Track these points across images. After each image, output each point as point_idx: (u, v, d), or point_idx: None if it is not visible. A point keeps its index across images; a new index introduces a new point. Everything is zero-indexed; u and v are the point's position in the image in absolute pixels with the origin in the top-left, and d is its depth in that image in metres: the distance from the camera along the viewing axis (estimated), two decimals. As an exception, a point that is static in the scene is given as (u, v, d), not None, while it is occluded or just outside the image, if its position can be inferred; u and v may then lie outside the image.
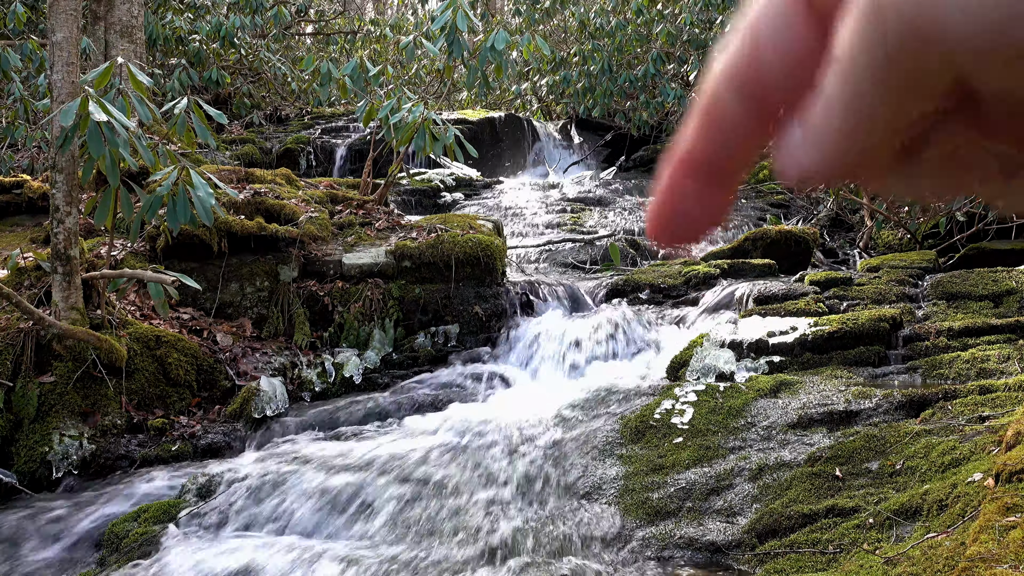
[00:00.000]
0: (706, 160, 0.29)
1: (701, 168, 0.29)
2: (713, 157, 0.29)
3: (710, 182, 0.29)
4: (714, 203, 0.30)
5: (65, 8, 3.74)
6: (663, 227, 0.30)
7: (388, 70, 6.56)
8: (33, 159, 7.31)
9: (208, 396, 4.15)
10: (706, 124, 0.28)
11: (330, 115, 10.98)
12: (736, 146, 0.29)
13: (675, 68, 9.76)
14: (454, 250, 4.84)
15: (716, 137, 0.28)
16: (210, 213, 3.60)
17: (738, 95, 0.27)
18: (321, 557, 2.76)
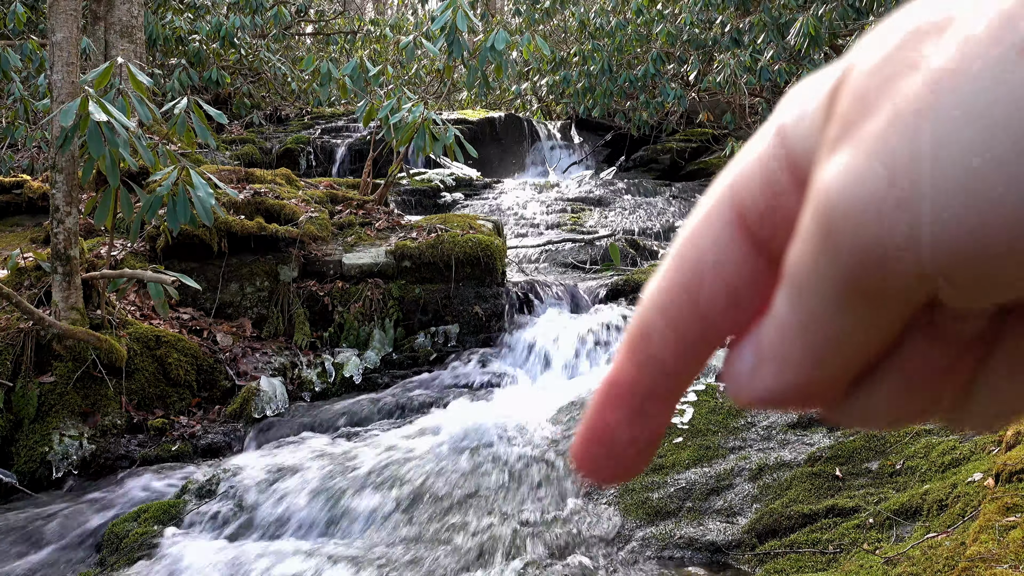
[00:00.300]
0: (637, 391, 0.26)
1: (632, 401, 0.27)
2: (646, 390, 0.26)
3: (643, 414, 0.27)
4: (647, 433, 0.27)
5: (65, 8, 3.74)
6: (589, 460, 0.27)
7: (388, 70, 6.56)
8: (33, 159, 7.31)
9: (208, 396, 4.15)
10: (637, 355, 0.26)
11: (330, 115, 10.99)
12: (671, 378, 0.26)
13: (675, 68, 9.76)
14: (454, 250, 4.84)
15: (648, 370, 0.26)
16: (210, 213, 3.60)
17: (673, 328, 0.25)
18: (321, 557, 2.76)
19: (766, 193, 0.24)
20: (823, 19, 6.38)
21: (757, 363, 0.25)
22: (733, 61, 7.76)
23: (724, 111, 9.41)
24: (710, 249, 0.25)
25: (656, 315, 0.25)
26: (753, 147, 0.24)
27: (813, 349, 0.23)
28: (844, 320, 0.22)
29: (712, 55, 8.82)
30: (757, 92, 9.46)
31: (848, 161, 0.20)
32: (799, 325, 0.23)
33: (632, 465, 0.27)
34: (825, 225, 0.20)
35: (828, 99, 0.22)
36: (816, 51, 6.87)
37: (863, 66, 0.21)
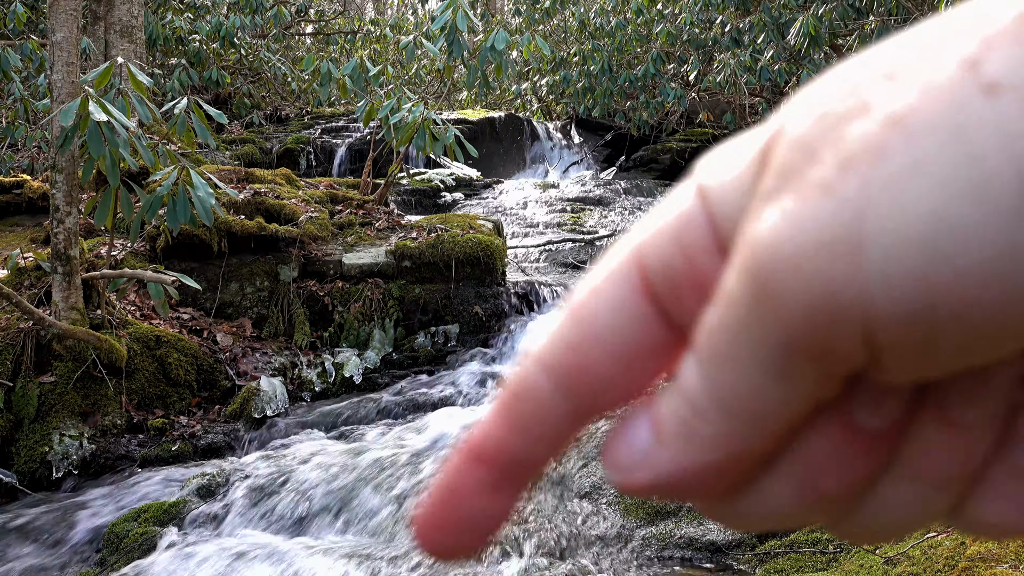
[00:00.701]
0: (507, 457, 0.23)
1: (498, 465, 0.23)
2: (516, 454, 0.23)
3: (503, 481, 0.23)
4: (503, 506, 0.24)
5: (65, 8, 3.74)
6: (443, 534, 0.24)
7: (388, 70, 6.56)
8: (33, 159, 7.32)
9: (208, 396, 4.15)
10: (513, 414, 0.23)
11: (330, 115, 10.99)
12: (546, 445, 0.23)
13: (675, 68, 9.76)
14: (454, 250, 4.84)
15: (523, 432, 0.23)
16: (210, 213, 3.60)
17: (558, 390, 0.22)
18: (321, 556, 2.77)
19: (679, 257, 0.21)
20: (823, 19, 6.38)
21: (656, 442, 0.22)
22: (733, 61, 7.76)
23: (724, 111, 9.42)
24: (608, 311, 0.22)
25: (540, 376, 0.23)
26: (666, 209, 0.22)
27: (732, 425, 0.20)
28: (776, 390, 0.20)
29: (712, 55, 8.82)
30: (757, 92, 9.46)
31: (792, 208, 0.18)
32: (717, 399, 0.20)
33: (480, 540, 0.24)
34: (762, 280, 0.18)
35: (760, 154, 0.20)
36: (816, 51, 6.87)
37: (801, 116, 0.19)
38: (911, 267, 0.17)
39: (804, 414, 0.20)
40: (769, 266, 0.18)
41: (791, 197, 0.18)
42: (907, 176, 0.17)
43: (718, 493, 0.23)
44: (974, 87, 0.17)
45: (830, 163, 0.18)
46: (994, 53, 0.17)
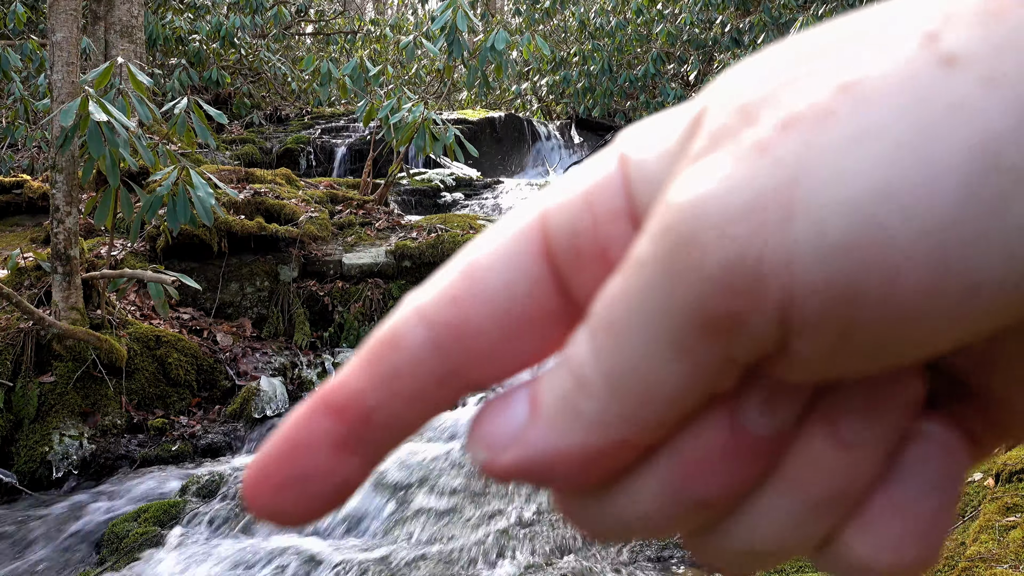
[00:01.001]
0: (362, 410, 0.20)
1: (351, 417, 0.20)
2: (373, 409, 0.20)
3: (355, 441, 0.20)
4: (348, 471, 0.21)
5: (65, 8, 3.74)
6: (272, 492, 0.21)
7: (388, 70, 6.57)
8: (33, 159, 7.32)
9: (208, 396, 4.15)
10: (376, 365, 0.20)
11: (330, 115, 10.99)
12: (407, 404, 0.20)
13: (675, 68, 9.76)
14: (454, 250, 4.81)
15: (385, 385, 0.20)
16: (210, 213, 3.60)
17: (432, 344, 0.20)
18: (321, 557, 2.77)
19: (586, 221, 0.20)
20: (823, 19, 6.39)
21: (532, 419, 0.20)
22: (733, 61, 7.77)
23: (724, 111, 9.42)
24: (501, 265, 0.20)
25: (416, 323, 0.20)
26: (580, 176, 0.20)
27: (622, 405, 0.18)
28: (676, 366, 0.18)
29: (712, 55, 8.82)
30: (757, 92, 9.47)
31: (721, 167, 0.17)
32: (604, 373, 0.18)
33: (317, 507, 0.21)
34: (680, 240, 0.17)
35: (692, 121, 0.19)
36: (816, 51, 6.88)
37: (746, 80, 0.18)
38: (843, 236, 0.16)
39: (695, 403, 0.19)
40: (690, 225, 0.17)
41: (722, 157, 0.17)
42: (852, 141, 0.16)
43: (587, 485, 0.20)
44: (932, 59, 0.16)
45: (768, 123, 0.17)
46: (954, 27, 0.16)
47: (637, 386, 0.18)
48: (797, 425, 0.20)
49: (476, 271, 0.20)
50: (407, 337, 0.20)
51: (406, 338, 0.20)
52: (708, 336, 0.17)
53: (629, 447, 0.19)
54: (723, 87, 0.18)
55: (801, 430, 0.20)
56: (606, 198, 0.20)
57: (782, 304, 0.16)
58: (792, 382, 0.19)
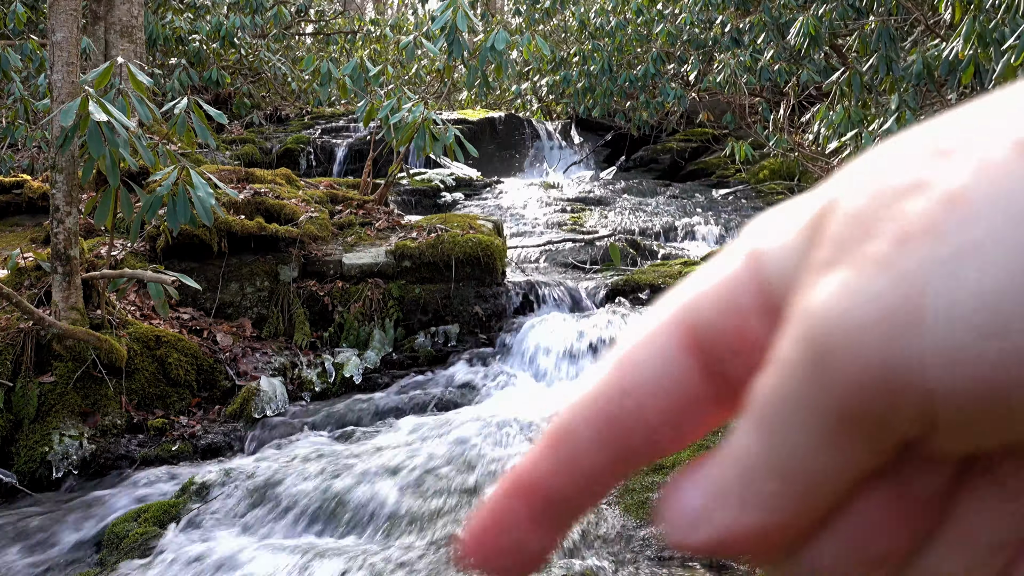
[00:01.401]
0: (549, 494, 0.24)
1: (540, 501, 0.24)
2: (556, 492, 0.24)
3: (546, 517, 0.25)
4: (544, 540, 0.25)
5: (65, 8, 3.74)
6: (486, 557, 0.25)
7: (388, 70, 6.56)
8: (33, 159, 7.32)
9: (208, 396, 4.15)
10: (555, 455, 0.24)
11: (330, 115, 10.98)
12: (586, 487, 0.24)
13: (675, 68, 9.76)
14: (454, 250, 4.84)
15: (565, 472, 0.24)
16: (210, 213, 3.60)
17: (598, 438, 0.23)
18: (321, 557, 2.77)
19: (726, 317, 0.22)
20: (823, 19, 6.38)
21: (710, 504, 0.22)
22: (733, 61, 7.76)
23: (724, 111, 9.42)
24: (653, 365, 0.23)
25: (581, 420, 0.23)
26: (716, 268, 0.23)
27: (790, 487, 0.21)
28: (832, 456, 0.20)
29: (712, 55, 8.82)
30: (757, 92, 9.46)
31: (849, 281, 0.19)
32: (774, 462, 0.21)
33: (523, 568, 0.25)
34: (818, 351, 0.19)
35: (812, 223, 0.21)
36: (816, 51, 6.87)
37: (856, 189, 0.20)
38: (970, 344, 0.17)
39: (857, 480, 0.21)
40: (826, 338, 0.19)
41: (848, 270, 0.19)
42: (964, 255, 0.18)
43: (774, 553, 0.23)
44: None
45: (888, 239, 0.19)
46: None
47: (798, 474, 0.21)
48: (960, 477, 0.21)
49: (629, 369, 0.23)
50: (574, 434, 0.24)
51: (573, 435, 0.24)
52: (855, 431, 0.19)
53: (802, 521, 0.22)
54: (842, 186, 0.20)
55: (964, 482, 0.21)
56: (741, 294, 0.22)
57: (919, 406, 0.18)
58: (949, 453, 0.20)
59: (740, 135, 9.10)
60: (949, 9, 5.23)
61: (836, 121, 5.70)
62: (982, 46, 4.54)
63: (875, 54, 5.61)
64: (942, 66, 4.85)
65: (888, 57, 5.54)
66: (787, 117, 8.69)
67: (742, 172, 9.05)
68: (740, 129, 9.27)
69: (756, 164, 8.93)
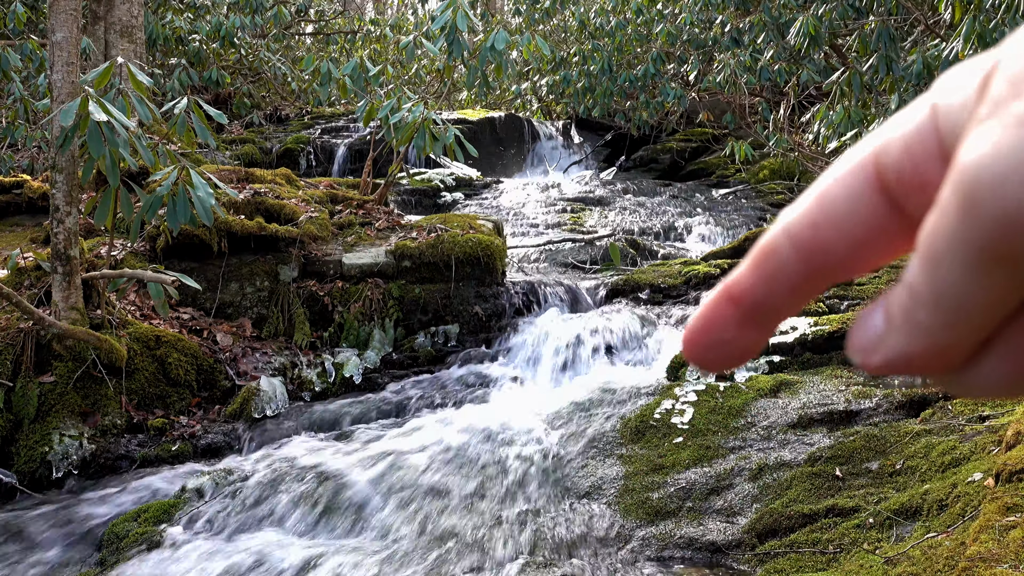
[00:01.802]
0: (752, 300, 0.29)
1: (745, 305, 0.30)
2: (759, 299, 0.29)
3: (750, 319, 0.30)
4: (750, 339, 0.30)
5: (65, 8, 3.74)
6: (699, 350, 0.31)
7: (388, 70, 6.56)
8: (33, 159, 7.31)
9: (208, 396, 4.15)
10: (760, 269, 0.29)
11: (330, 115, 10.98)
12: (784, 297, 0.29)
13: (675, 68, 9.75)
14: (454, 250, 4.83)
15: (767, 284, 0.29)
16: (210, 213, 3.60)
17: (797, 255, 0.28)
18: (321, 557, 2.76)
19: (910, 159, 0.26)
20: (823, 19, 6.38)
21: (888, 329, 0.27)
22: (733, 61, 7.76)
23: (724, 111, 9.41)
24: (846, 196, 0.27)
25: (784, 239, 0.28)
26: (903, 118, 0.27)
27: (946, 315, 0.25)
28: (979, 287, 0.24)
29: (712, 55, 8.81)
30: (757, 92, 9.46)
31: (994, 135, 0.22)
32: (934, 292, 0.25)
33: (731, 361, 0.31)
34: (968, 194, 0.23)
35: (982, 82, 0.24)
36: (816, 51, 6.87)
37: (1017, 54, 0.23)
38: None
39: (1008, 307, 0.24)
40: (972, 187, 0.22)
41: (995, 126, 0.22)
42: None
43: (945, 370, 0.27)
44: None
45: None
46: None
47: (955, 299, 0.24)
48: None
49: (826, 200, 0.28)
50: (779, 251, 0.28)
51: (778, 251, 0.28)
52: (999, 265, 0.23)
53: (965, 343, 0.25)
54: (1008, 49, 0.24)
55: None
56: (922, 142, 0.26)
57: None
58: None
59: (740, 135, 9.10)
60: (949, 9, 5.23)
61: (836, 121, 5.70)
62: (982, 46, 4.54)
63: (875, 54, 5.61)
64: (942, 66, 4.85)
65: (888, 57, 5.54)
66: (787, 117, 8.69)
67: (742, 172, 9.05)
68: (740, 129, 9.27)
69: (756, 164, 8.93)
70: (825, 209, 0.28)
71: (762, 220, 7.39)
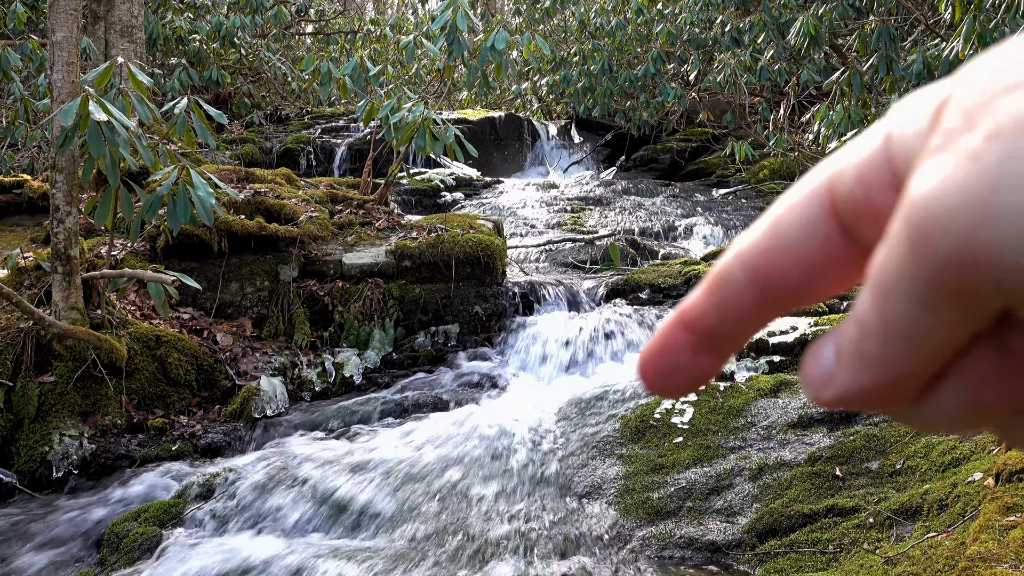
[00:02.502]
0: (706, 328, 0.29)
1: (699, 331, 0.29)
2: (712, 326, 0.29)
3: (705, 346, 0.29)
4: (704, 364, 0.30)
5: (65, 8, 3.74)
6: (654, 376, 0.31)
7: (388, 70, 6.56)
8: (33, 159, 7.31)
9: (208, 396, 4.15)
10: (714, 296, 0.29)
11: (330, 115, 10.98)
12: (738, 325, 0.29)
13: (675, 68, 9.75)
14: (454, 250, 4.83)
15: (720, 311, 0.29)
16: (210, 213, 3.60)
17: (750, 283, 0.28)
18: (321, 557, 2.76)
19: (863, 188, 0.26)
20: (823, 19, 6.38)
21: (837, 362, 0.26)
22: (733, 61, 7.76)
23: (724, 111, 9.41)
24: (799, 224, 0.27)
25: (738, 268, 0.28)
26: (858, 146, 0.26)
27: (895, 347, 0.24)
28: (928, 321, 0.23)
29: (712, 55, 8.81)
30: (757, 92, 9.46)
31: (945, 168, 0.22)
32: (882, 326, 0.24)
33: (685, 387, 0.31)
34: (917, 229, 0.22)
35: (936, 112, 0.23)
36: (816, 51, 6.87)
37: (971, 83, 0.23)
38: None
39: (958, 341, 0.24)
40: (922, 221, 0.22)
41: (946, 159, 0.22)
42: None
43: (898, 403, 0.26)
44: None
45: (981, 133, 0.21)
46: None
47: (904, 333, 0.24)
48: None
49: (780, 227, 0.27)
50: (732, 278, 0.28)
51: (731, 278, 0.28)
52: (948, 300, 0.23)
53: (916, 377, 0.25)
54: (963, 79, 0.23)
55: None
56: (875, 170, 0.25)
57: (994, 284, 0.21)
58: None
59: (740, 135, 9.09)
60: (949, 9, 5.23)
61: (836, 121, 5.70)
62: (982, 46, 4.54)
63: (875, 54, 5.61)
64: (942, 66, 4.85)
65: (888, 57, 5.54)
66: (787, 117, 8.69)
67: (742, 172, 9.05)
68: (740, 129, 9.27)
69: (756, 164, 8.92)
70: (779, 236, 0.27)
71: (762, 220, 7.38)
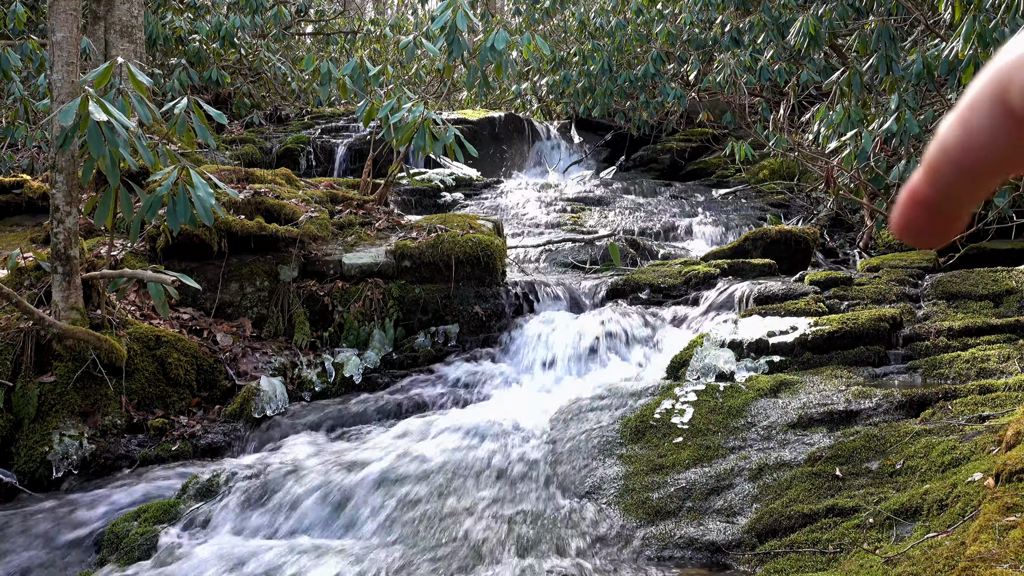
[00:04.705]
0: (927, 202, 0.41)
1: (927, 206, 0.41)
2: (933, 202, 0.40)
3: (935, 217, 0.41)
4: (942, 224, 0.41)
5: (65, 8, 3.74)
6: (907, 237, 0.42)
7: (388, 70, 6.56)
8: (33, 159, 7.31)
9: (208, 396, 4.15)
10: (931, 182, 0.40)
11: (330, 115, 10.98)
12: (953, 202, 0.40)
13: (675, 68, 9.75)
14: (454, 250, 4.83)
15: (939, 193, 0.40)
16: (210, 213, 3.60)
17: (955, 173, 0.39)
18: (320, 557, 2.76)
19: None
20: (823, 19, 6.37)
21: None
22: (733, 61, 7.76)
23: (724, 111, 9.41)
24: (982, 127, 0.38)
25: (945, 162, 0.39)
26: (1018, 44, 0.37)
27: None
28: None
29: (712, 55, 8.81)
30: (757, 92, 9.45)
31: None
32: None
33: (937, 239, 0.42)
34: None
35: None
36: (816, 51, 6.87)
37: None
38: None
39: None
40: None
41: None
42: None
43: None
44: None
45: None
46: None
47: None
48: None
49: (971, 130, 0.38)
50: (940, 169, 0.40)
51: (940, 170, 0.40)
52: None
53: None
54: None
55: None
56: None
57: None
58: None
59: (740, 135, 9.09)
60: (949, 9, 5.23)
61: (836, 121, 5.69)
62: (982, 46, 4.54)
63: (875, 54, 5.60)
64: (942, 66, 4.85)
65: (888, 57, 5.54)
66: (787, 117, 8.69)
67: (742, 172, 9.05)
68: (740, 129, 9.27)
69: (756, 164, 8.92)
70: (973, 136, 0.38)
71: (762, 220, 7.38)
